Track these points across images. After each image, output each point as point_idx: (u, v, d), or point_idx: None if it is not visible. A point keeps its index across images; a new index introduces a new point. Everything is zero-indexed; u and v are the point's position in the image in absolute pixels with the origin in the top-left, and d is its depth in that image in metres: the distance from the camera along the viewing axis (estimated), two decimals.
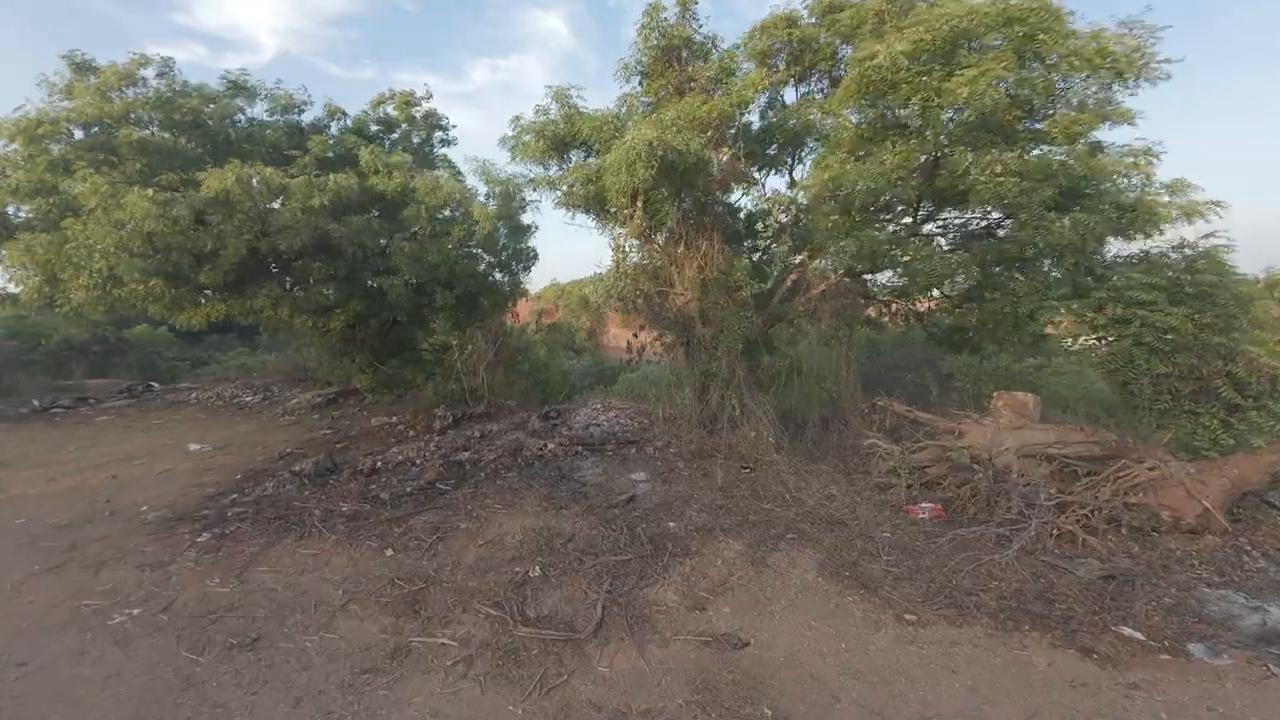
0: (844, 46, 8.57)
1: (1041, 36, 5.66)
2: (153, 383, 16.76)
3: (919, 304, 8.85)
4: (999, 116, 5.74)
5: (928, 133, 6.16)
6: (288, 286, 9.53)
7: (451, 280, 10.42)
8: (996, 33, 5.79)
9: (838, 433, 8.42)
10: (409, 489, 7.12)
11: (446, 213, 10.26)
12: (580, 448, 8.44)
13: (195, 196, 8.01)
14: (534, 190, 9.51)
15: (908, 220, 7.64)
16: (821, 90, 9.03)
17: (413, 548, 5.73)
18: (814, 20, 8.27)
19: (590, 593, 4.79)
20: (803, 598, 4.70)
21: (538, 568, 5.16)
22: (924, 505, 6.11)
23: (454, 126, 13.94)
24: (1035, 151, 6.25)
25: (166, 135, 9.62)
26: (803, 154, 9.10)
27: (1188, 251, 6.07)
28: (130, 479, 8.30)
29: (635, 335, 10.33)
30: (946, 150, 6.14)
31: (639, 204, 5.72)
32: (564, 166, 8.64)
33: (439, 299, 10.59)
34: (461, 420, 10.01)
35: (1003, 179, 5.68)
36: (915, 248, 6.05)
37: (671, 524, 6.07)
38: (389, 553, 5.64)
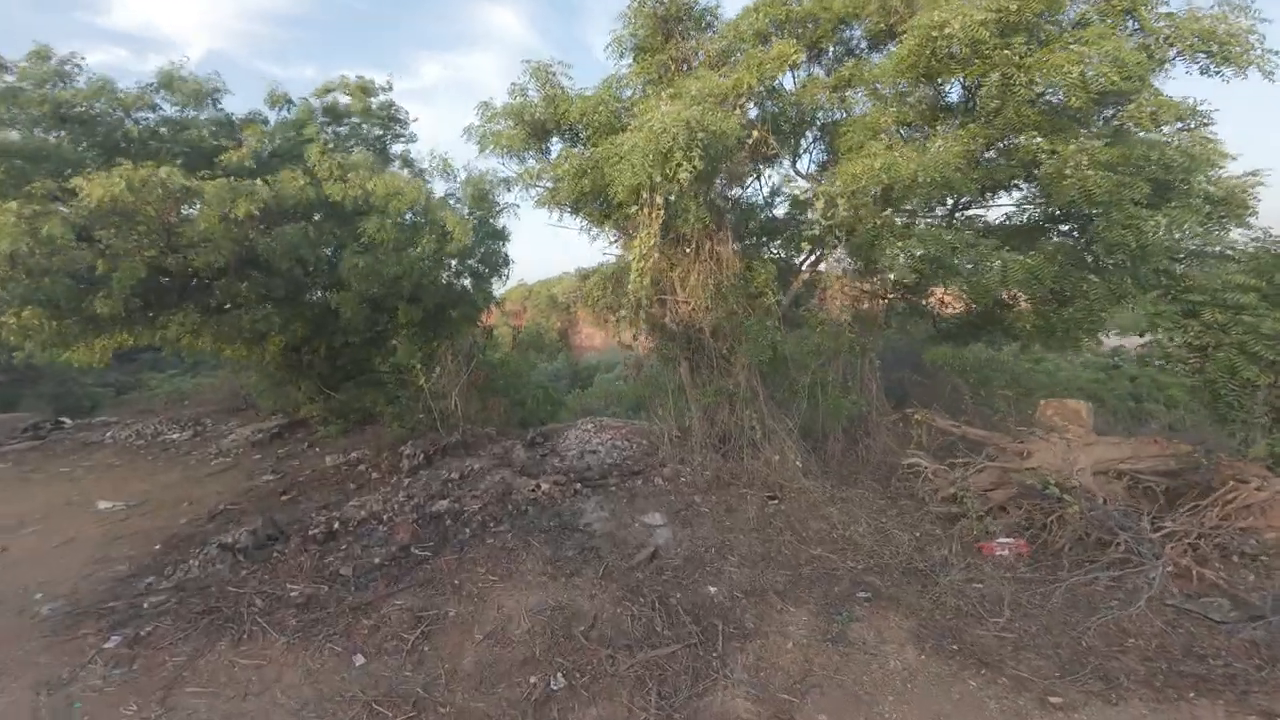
0: (849, 26, 7.66)
1: (1142, 11, 4.88)
2: (63, 419, 14.42)
3: (937, 300, 8.06)
4: (1085, 101, 4.89)
5: (998, 116, 5.29)
6: (211, 309, 7.90)
7: (416, 294, 8.98)
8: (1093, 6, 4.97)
9: (865, 449, 7.52)
10: (377, 559, 5.76)
11: (409, 216, 8.82)
12: (579, 484, 7.25)
13: (77, 208, 6.34)
14: (510, 189, 8.24)
15: (940, 213, 6.80)
16: (825, 70, 8.11)
17: (390, 650, 4.43)
18: None
19: (636, 709, 3.65)
20: (912, 687, 3.70)
21: (560, 675, 3.97)
22: (1003, 541, 5.24)
23: (414, 120, 12.38)
24: (1108, 140, 5.47)
25: (44, 135, 7.79)
26: (807, 142, 8.14)
27: (1272, 246, 5.42)
28: (21, 553, 6.63)
29: (632, 343, 9.17)
30: (1018, 138, 5.30)
31: (658, 202, 4.60)
32: (545, 158, 7.40)
33: (401, 316, 9.14)
34: (434, 456, 8.63)
35: (1091, 172, 4.86)
36: (983, 251, 5.18)
37: (711, 588, 4.98)
38: (358, 660, 4.34)
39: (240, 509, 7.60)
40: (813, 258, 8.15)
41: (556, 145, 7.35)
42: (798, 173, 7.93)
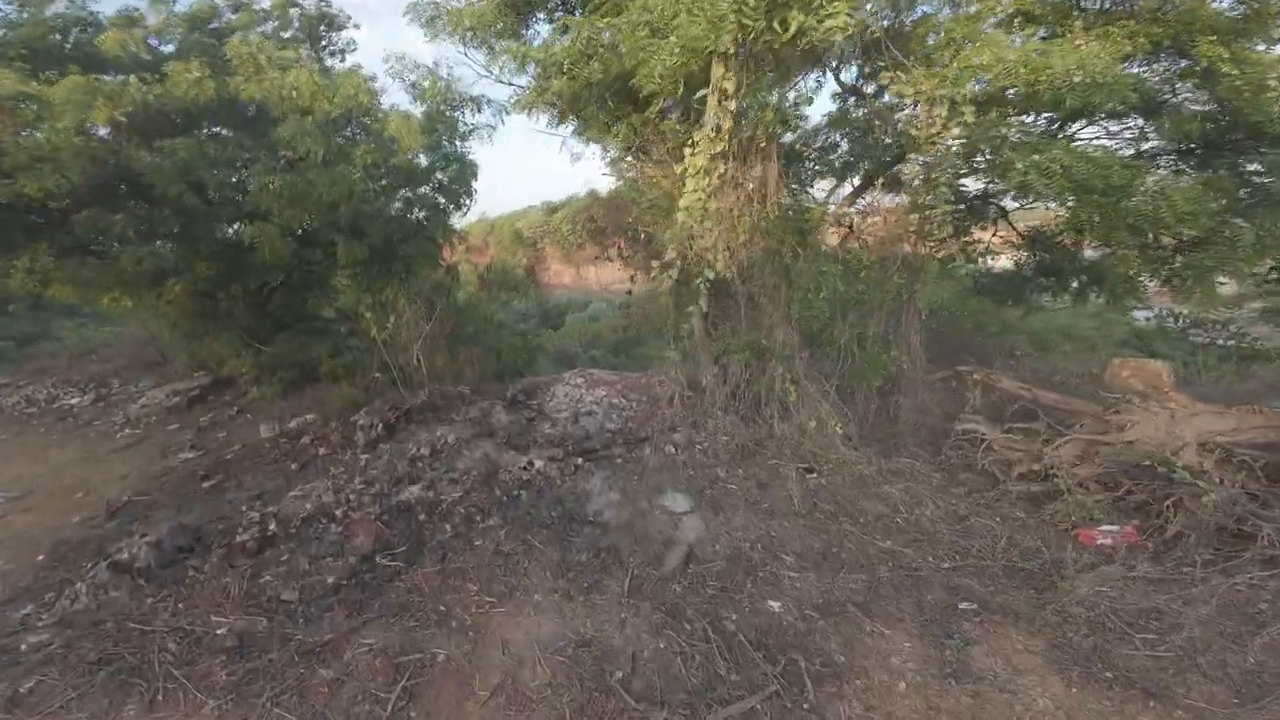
0: None
1: None
2: None
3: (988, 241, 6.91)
4: None
5: (1160, 14, 3.95)
6: (69, 250, 5.89)
7: (358, 226, 7.16)
8: None
9: (901, 410, 6.54)
10: (331, 576, 4.47)
11: (347, 131, 6.86)
12: (580, 458, 6.05)
13: None
14: (480, 109, 6.42)
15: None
16: None
17: (363, 716, 3.26)
18: None
19: None
20: None
21: None
22: (1107, 529, 4.42)
23: (357, 27, 9.84)
24: None
25: None
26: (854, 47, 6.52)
27: None
28: None
29: (631, 282, 7.70)
30: (1189, 42, 4.00)
31: (728, 87, 3.08)
32: (519, 39, 5.59)
33: (342, 253, 7.34)
34: (396, 424, 7.19)
35: None
36: (1151, 189, 3.96)
37: (774, 604, 3.97)
38: None
39: (149, 501, 6.07)
40: (848, 188, 6.79)
41: (542, 25, 5.55)
42: (842, 84, 6.37)
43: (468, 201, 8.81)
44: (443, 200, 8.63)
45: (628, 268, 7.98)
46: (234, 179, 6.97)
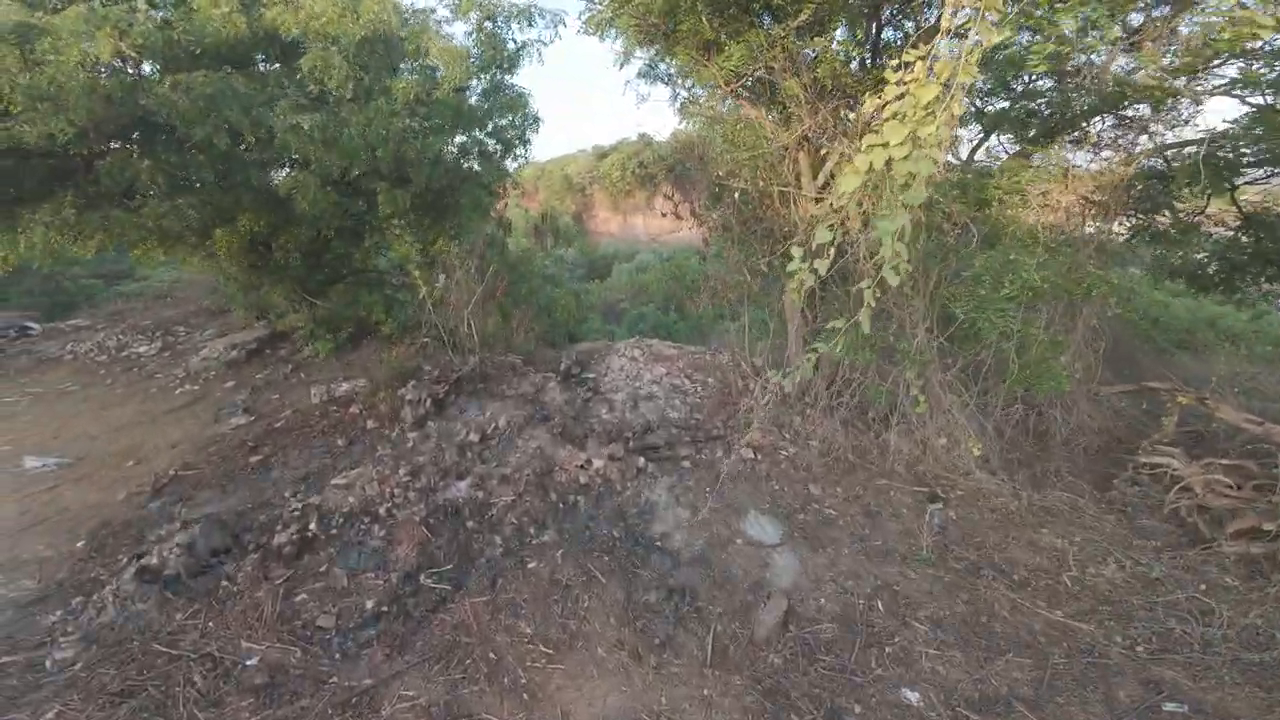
0: None
1: None
2: (29, 325, 12.42)
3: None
4: None
5: None
6: (94, 200, 5.31)
7: (401, 170, 6.27)
8: None
9: (1059, 430, 5.16)
10: (371, 600, 3.92)
11: (373, 47, 5.82)
12: (642, 458, 5.21)
13: None
14: (532, 22, 5.21)
15: None
16: None
17: None
18: None
19: None
20: None
21: None
22: None
23: None
24: None
25: None
26: None
27: None
28: None
29: (706, 240, 6.47)
30: None
31: None
32: None
33: (384, 202, 6.52)
34: (446, 398, 6.57)
35: None
36: None
37: (910, 694, 3.07)
38: None
39: (196, 477, 5.77)
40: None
41: None
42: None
43: (524, 150, 7.73)
44: (497, 146, 7.58)
45: (700, 226, 6.75)
46: (269, 119, 6.16)
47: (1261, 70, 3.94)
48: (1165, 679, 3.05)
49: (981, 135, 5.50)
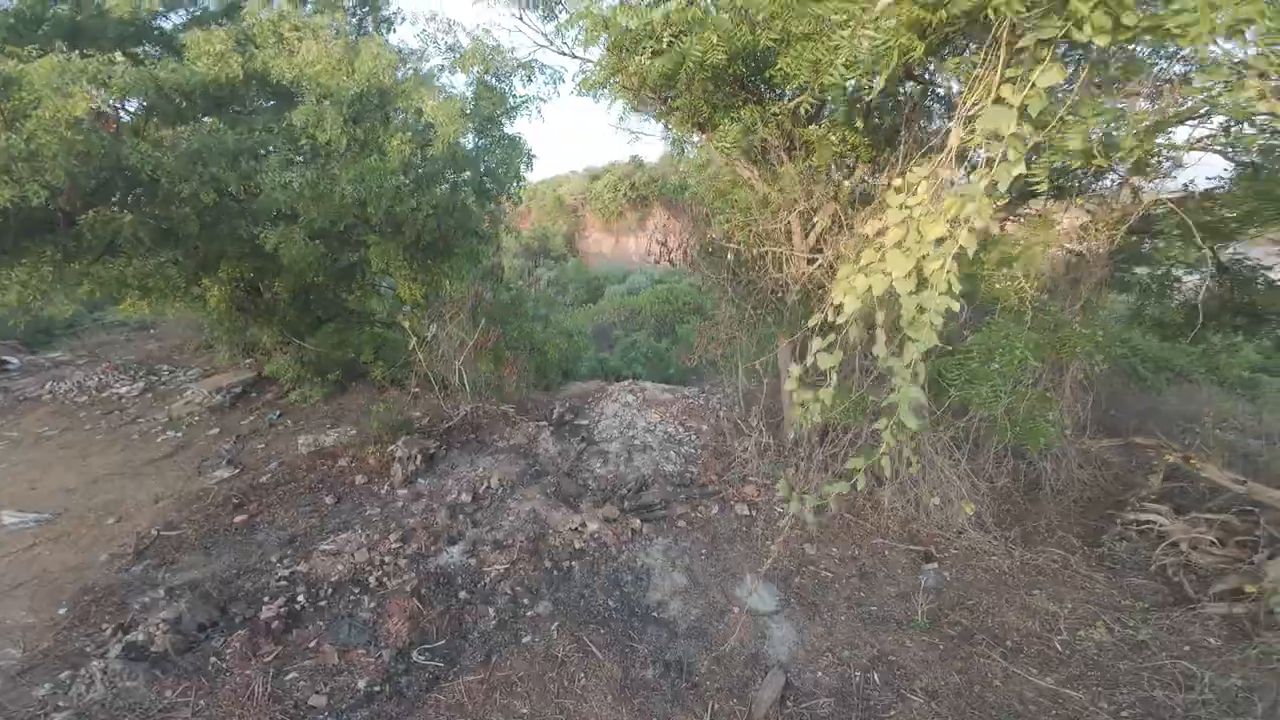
0: None
1: None
2: (8, 358, 12.11)
3: None
4: None
5: None
6: (76, 254, 5.22)
7: (395, 222, 6.29)
8: None
9: (1046, 484, 5.22)
10: (363, 678, 3.83)
11: (377, 113, 5.90)
12: (637, 518, 5.19)
13: None
14: (530, 78, 5.32)
15: None
16: None
17: None
18: None
19: None
20: None
21: None
22: None
23: None
24: None
25: None
26: None
27: None
28: None
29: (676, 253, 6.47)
30: None
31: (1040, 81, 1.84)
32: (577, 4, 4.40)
33: (374, 256, 6.53)
34: (437, 453, 6.51)
35: None
36: None
37: None
38: None
39: (178, 538, 5.64)
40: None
41: None
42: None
43: (517, 188, 7.79)
44: (491, 185, 7.63)
45: (693, 271, 6.82)
46: (260, 172, 6.17)
47: (1252, 133, 4.04)
48: None
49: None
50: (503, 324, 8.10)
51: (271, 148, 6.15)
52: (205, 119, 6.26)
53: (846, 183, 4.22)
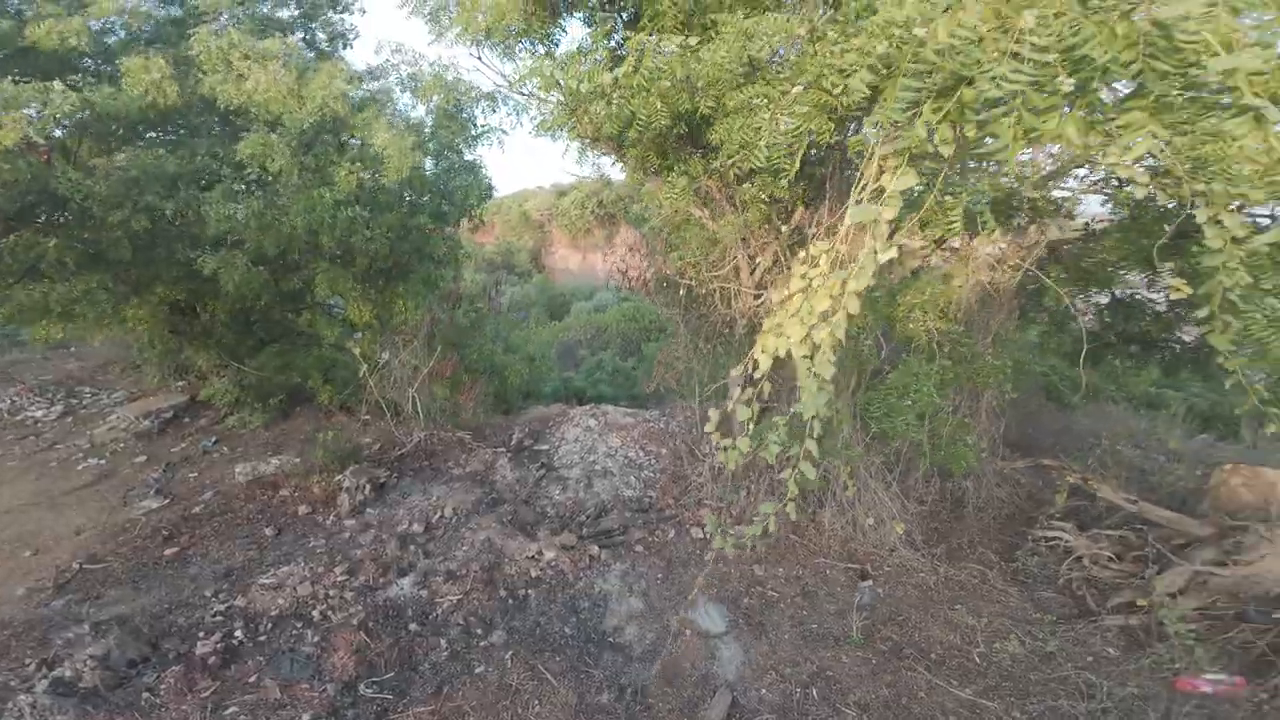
0: None
1: None
2: None
3: None
4: None
5: None
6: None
7: (347, 249, 6.26)
8: None
9: (971, 504, 5.67)
10: (307, 713, 3.74)
11: (331, 141, 5.91)
12: (595, 544, 5.29)
13: None
14: (495, 108, 5.49)
15: None
16: None
17: None
18: None
19: None
20: None
21: None
22: (1213, 678, 3.72)
23: (363, 12, 8.66)
24: None
25: None
26: None
27: None
28: None
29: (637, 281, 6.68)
30: None
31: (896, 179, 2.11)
32: (549, 47, 4.66)
33: (320, 284, 6.45)
34: (388, 481, 6.41)
35: None
36: None
37: None
38: None
39: (103, 572, 5.31)
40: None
41: (577, 24, 4.60)
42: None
43: (479, 211, 7.86)
44: (449, 208, 7.66)
45: (652, 299, 7.09)
46: (199, 203, 6.03)
47: (1128, 189, 4.66)
48: None
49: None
50: (461, 348, 8.08)
51: (220, 176, 6.04)
52: (141, 144, 6.09)
53: (784, 227, 4.58)
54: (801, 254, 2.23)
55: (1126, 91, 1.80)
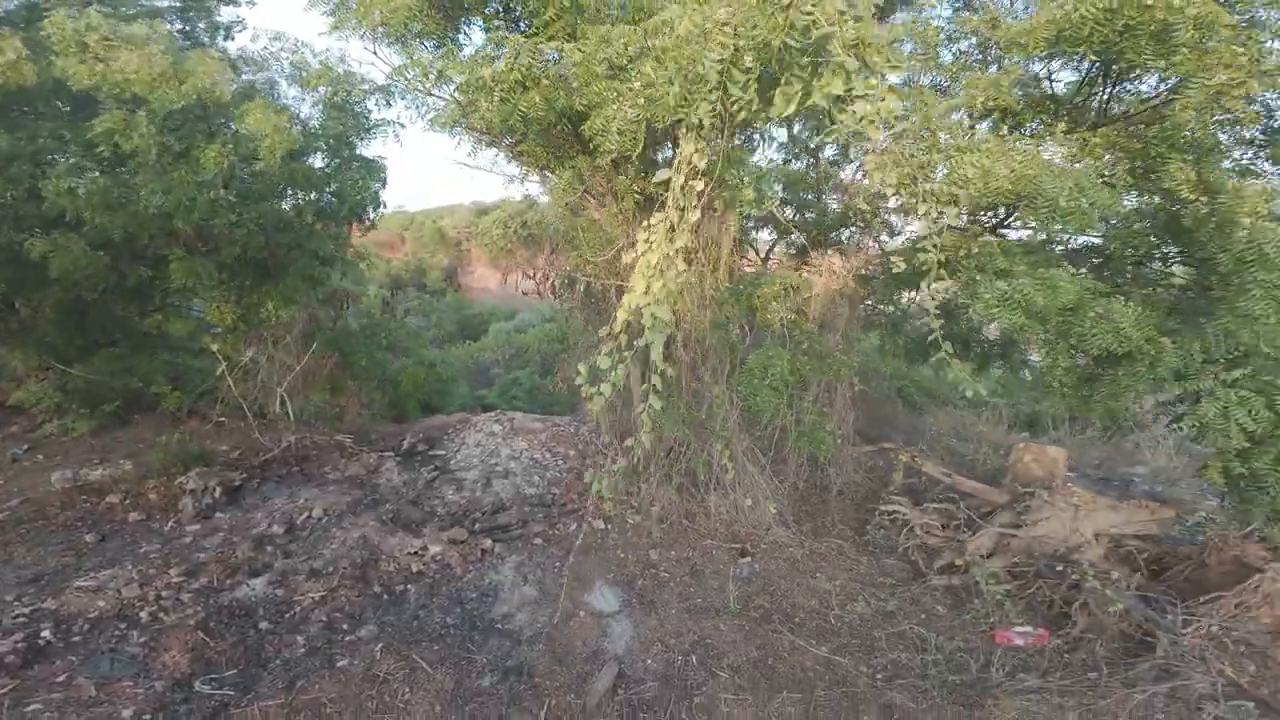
0: None
1: None
2: None
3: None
4: None
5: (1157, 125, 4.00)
6: None
7: (207, 239, 5.78)
8: None
9: (830, 486, 6.33)
10: (128, 708, 3.23)
11: (200, 125, 5.54)
12: (489, 538, 5.16)
13: None
14: (390, 102, 5.52)
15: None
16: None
17: None
18: None
19: None
20: None
21: None
22: (1022, 631, 4.41)
23: (252, 3, 8.23)
24: None
25: None
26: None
27: None
28: None
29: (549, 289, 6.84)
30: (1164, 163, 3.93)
31: (697, 161, 2.56)
32: (452, 47, 4.84)
33: (176, 272, 5.90)
34: (245, 484, 5.79)
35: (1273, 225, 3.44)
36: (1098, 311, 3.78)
37: None
38: None
39: None
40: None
41: (478, 31, 4.83)
42: (794, 138, 6.32)
43: (373, 212, 7.60)
44: (340, 207, 7.34)
45: (559, 304, 7.26)
46: (38, 178, 5.34)
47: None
48: (896, 703, 3.79)
49: (774, 240, 7.04)
50: (350, 353, 7.60)
51: (64, 155, 5.42)
52: None
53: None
54: (644, 223, 2.63)
55: None
